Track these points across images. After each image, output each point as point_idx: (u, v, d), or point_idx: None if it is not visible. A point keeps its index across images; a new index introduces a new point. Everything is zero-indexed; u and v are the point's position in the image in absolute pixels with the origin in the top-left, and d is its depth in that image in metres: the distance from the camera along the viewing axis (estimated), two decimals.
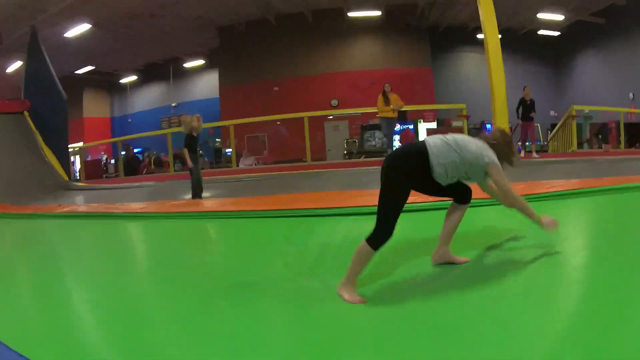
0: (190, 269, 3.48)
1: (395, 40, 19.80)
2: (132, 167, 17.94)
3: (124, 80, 25.37)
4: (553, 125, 15.93)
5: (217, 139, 21.48)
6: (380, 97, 10.96)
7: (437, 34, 20.83)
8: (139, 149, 22.47)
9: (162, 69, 24.01)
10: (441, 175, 2.73)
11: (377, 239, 2.61)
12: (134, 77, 25.16)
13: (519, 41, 21.21)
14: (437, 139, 2.81)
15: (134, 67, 24.05)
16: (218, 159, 20.47)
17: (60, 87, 11.09)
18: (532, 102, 11.36)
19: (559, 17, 18.90)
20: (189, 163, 7.71)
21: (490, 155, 2.77)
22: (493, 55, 9.86)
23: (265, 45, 19.53)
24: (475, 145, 2.80)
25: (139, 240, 5.17)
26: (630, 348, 1.72)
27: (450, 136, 2.84)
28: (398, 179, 2.68)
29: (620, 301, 2.12)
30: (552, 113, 20.24)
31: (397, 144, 17.11)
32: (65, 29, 16.38)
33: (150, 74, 24.58)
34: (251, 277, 3.07)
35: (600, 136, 17.34)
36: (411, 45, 19.80)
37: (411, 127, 17.88)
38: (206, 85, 23.30)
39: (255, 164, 15.55)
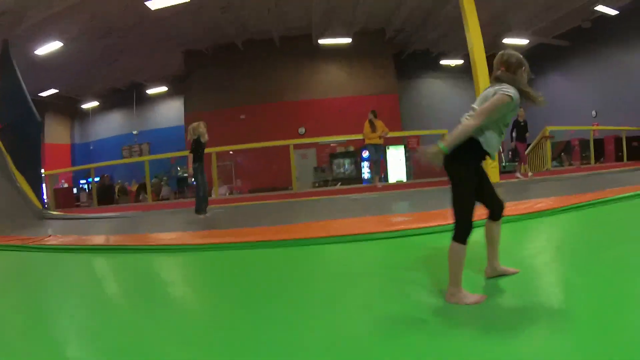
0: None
1: (363, 67, 20.12)
2: (107, 196, 17.55)
3: (85, 106, 24.74)
4: None
5: (178, 167, 21.09)
6: (366, 123, 11.26)
7: (402, 60, 21.56)
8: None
9: (124, 95, 23.58)
10: (486, 139, 2.78)
11: (461, 233, 2.70)
12: (95, 103, 24.58)
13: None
14: (466, 115, 2.86)
15: (97, 93, 23.54)
16: (181, 188, 20.04)
17: (34, 107, 10.52)
18: (526, 123, 11.82)
19: (523, 41, 19.80)
20: (190, 172, 7.68)
21: (505, 89, 2.76)
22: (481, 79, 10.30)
23: (232, 71, 19.59)
24: (493, 90, 2.82)
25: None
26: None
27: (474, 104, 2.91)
28: (455, 169, 2.76)
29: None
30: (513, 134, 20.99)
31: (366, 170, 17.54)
32: (36, 46, 15.92)
33: (112, 100, 24.09)
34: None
35: (562, 154, 18.12)
36: (378, 71, 20.12)
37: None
38: (170, 112, 23.09)
39: (229, 193, 15.40)
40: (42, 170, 12.03)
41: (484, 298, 2.68)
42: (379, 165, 11.91)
